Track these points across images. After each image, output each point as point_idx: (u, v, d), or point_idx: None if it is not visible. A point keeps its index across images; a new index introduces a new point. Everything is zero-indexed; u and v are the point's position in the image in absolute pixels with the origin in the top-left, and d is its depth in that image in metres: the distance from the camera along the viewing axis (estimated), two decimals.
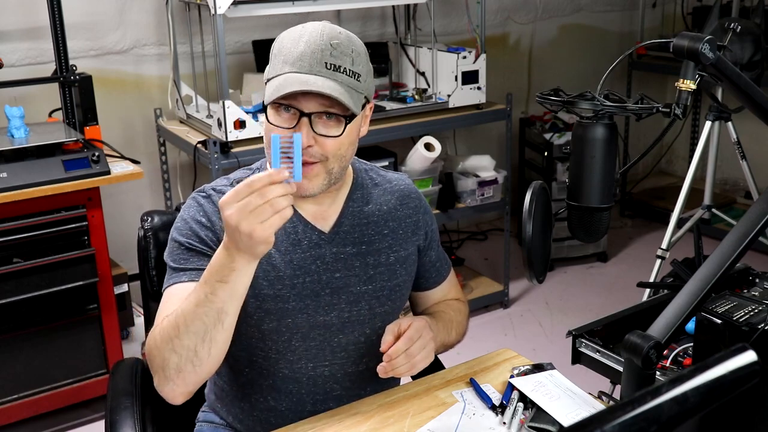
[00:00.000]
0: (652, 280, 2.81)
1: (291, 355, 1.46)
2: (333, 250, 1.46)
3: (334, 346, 1.47)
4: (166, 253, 1.44)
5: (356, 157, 1.57)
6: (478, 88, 3.33)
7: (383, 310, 1.50)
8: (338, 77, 1.31)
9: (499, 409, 1.40)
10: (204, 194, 1.45)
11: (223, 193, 1.38)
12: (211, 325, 1.23)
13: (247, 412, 1.51)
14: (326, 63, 1.30)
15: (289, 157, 1.19)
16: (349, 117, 1.34)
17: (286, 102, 1.32)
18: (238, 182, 1.45)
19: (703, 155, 3.03)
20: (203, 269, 1.28)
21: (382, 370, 1.35)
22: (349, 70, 1.32)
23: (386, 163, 3.13)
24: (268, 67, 1.39)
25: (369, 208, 1.51)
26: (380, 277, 1.49)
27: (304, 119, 1.31)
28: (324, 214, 1.47)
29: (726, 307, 1.37)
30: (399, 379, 1.64)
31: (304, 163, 1.29)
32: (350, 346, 1.48)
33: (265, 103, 1.35)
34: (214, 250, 1.27)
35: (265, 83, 1.37)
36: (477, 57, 3.30)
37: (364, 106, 1.38)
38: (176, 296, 1.34)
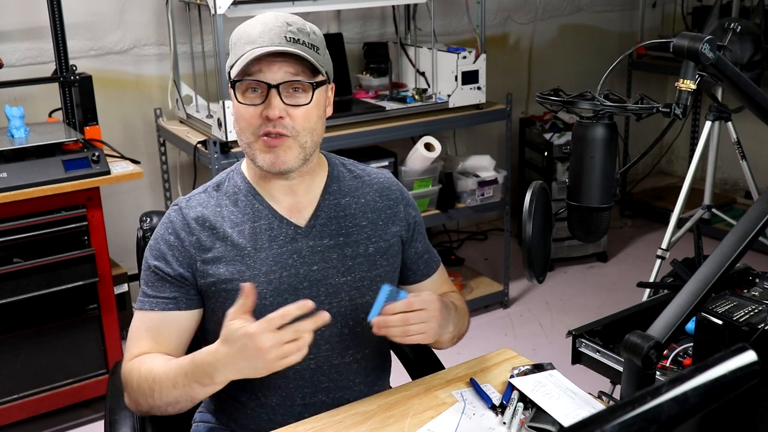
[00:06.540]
0: (652, 280, 2.81)
1: None
2: (310, 244, 1.48)
3: (317, 338, 1.46)
4: (143, 268, 1.50)
5: (332, 153, 1.62)
6: (478, 88, 3.33)
7: (364, 301, 1.50)
8: (299, 47, 1.38)
9: (499, 409, 1.40)
10: (176, 207, 1.50)
11: (197, 204, 1.48)
12: (184, 402, 1.38)
13: (240, 410, 1.51)
14: (285, 36, 1.38)
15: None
16: (316, 85, 1.40)
17: (253, 78, 1.38)
18: (214, 189, 1.49)
19: (703, 155, 3.03)
20: (169, 298, 1.44)
21: (374, 322, 1.36)
22: (309, 43, 1.40)
23: (386, 163, 3.12)
24: (228, 59, 1.44)
25: (346, 201, 1.53)
26: (359, 268, 1.50)
27: (273, 91, 1.38)
28: (299, 207, 1.50)
29: (726, 307, 1.37)
30: (389, 372, 1.64)
31: (278, 135, 1.39)
32: (334, 338, 1.49)
33: (233, 78, 1.40)
34: (183, 269, 1.42)
35: (228, 72, 1.43)
36: (477, 57, 3.30)
37: (324, 83, 1.44)
38: (145, 327, 1.45)
